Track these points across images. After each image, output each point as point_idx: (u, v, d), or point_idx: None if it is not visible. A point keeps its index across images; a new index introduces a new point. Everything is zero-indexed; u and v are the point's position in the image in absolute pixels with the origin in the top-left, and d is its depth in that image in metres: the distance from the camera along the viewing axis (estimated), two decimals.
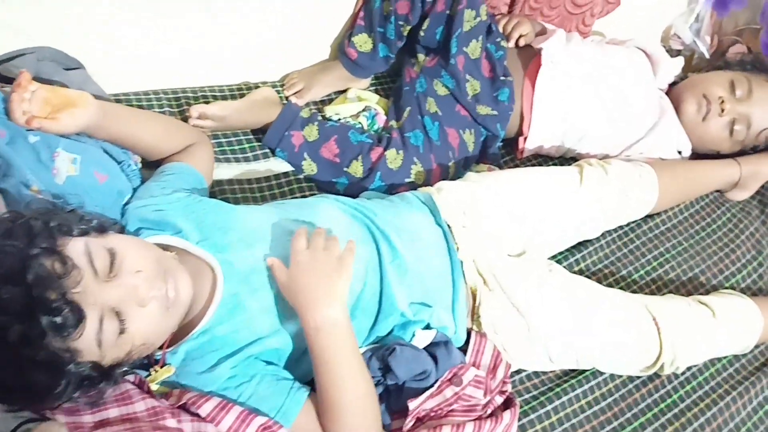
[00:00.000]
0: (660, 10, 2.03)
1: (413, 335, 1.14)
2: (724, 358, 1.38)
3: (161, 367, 1.01)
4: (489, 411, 1.14)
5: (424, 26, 1.47)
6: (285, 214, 1.16)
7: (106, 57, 1.37)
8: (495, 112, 1.53)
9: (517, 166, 1.63)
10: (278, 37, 1.54)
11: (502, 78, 1.54)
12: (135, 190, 1.19)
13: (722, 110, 1.60)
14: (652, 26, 2.06)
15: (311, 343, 1.00)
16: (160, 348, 1.01)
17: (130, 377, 0.98)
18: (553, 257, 1.44)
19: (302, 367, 1.08)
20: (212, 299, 1.02)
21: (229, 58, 1.52)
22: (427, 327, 1.16)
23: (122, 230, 1.10)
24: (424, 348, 1.14)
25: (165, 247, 1.05)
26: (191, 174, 1.23)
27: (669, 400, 1.30)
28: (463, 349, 1.19)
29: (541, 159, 1.67)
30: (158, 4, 1.36)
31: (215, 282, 1.04)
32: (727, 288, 1.50)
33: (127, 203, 1.15)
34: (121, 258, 0.91)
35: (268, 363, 1.05)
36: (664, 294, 1.45)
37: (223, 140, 1.44)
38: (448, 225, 1.25)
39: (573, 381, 1.28)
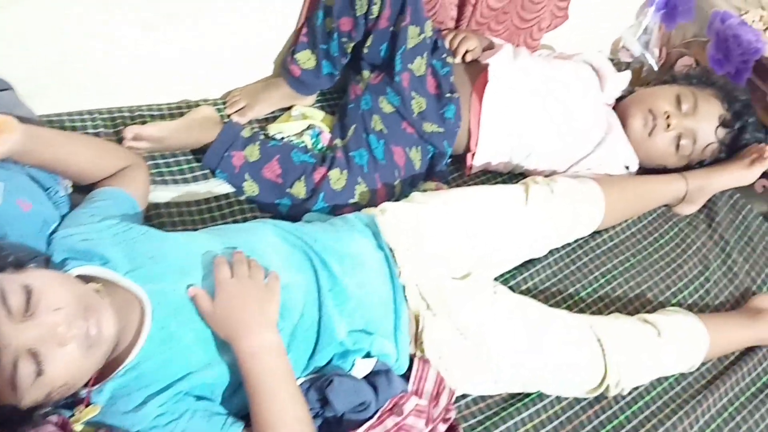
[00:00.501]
0: (609, 23, 2.04)
1: (353, 364, 1.11)
2: (671, 376, 1.38)
3: (86, 406, 0.96)
4: None
5: (368, 43, 1.45)
6: (221, 240, 1.12)
7: (35, 76, 1.32)
8: (441, 130, 1.51)
9: (465, 182, 1.62)
10: (220, 53, 1.51)
11: (448, 95, 1.52)
12: (63, 217, 1.14)
13: (668, 125, 1.60)
14: (601, 39, 2.07)
15: (246, 370, 0.98)
16: (86, 385, 0.96)
17: (53, 417, 0.94)
18: (500, 277, 1.43)
19: (235, 401, 1.04)
20: (140, 334, 0.98)
21: (168, 76, 1.48)
22: (368, 355, 1.13)
23: (48, 261, 1.06)
24: (365, 377, 1.11)
25: (92, 279, 1.01)
26: (123, 199, 1.18)
27: (616, 422, 1.29)
28: (406, 376, 1.17)
29: (489, 175, 1.66)
30: (91, 18, 1.32)
31: (144, 315, 1.00)
32: (674, 304, 1.50)
33: (54, 232, 1.10)
34: (38, 295, 0.87)
35: (200, 398, 1.01)
36: (610, 312, 1.44)
37: (161, 161, 1.40)
38: (390, 248, 1.23)
39: (519, 404, 1.26)
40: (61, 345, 0.86)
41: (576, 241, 1.53)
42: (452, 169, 1.63)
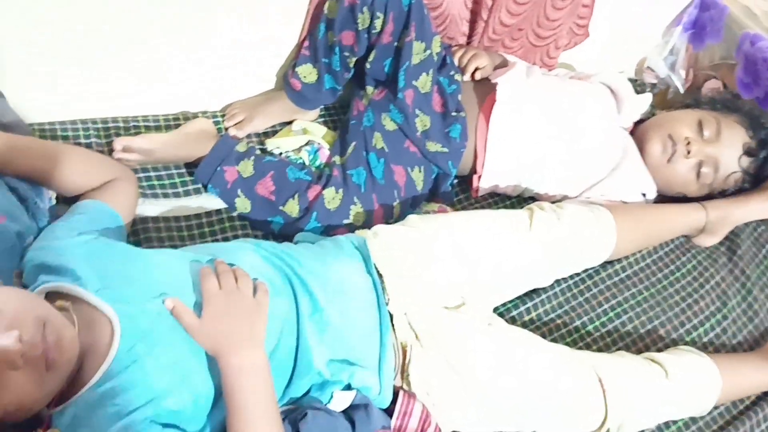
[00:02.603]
0: (633, 42, 1.96)
1: (331, 396, 1.05)
2: (680, 420, 1.29)
3: (46, 429, 0.92)
4: None
5: (371, 58, 1.40)
6: (199, 260, 1.08)
7: (28, 84, 1.29)
8: (446, 149, 1.45)
9: (471, 204, 1.56)
10: (221, 65, 1.47)
11: (454, 113, 1.46)
12: (41, 230, 1.11)
13: (688, 152, 1.51)
14: (624, 59, 1.99)
15: (230, 387, 0.94)
16: (48, 406, 0.92)
17: None
18: (502, 306, 1.36)
19: (206, 430, 0.99)
20: (107, 355, 0.94)
21: (166, 87, 1.44)
22: (348, 387, 1.07)
23: (20, 275, 1.02)
24: (343, 411, 1.05)
25: (62, 296, 0.97)
26: (105, 213, 1.14)
27: None
28: (390, 411, 1.10)
29: (497, 198, 1.59)
30: (91, 29, 1.29)
31: (113, 335, 0.95)
32: (687, 342, 1.41)
33: (30, 244, 1.07)
34: None
35: (167, 426, 0.96)
36: (618, 348, 1.36)
37: (152, 173, 1.36)
38: (380, 274, 1.17)
39: None
40: (13, 369, 0.82)
41: (585, 271, 1.45)
42: (459, 190, 1.56)
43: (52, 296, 0.97)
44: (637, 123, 1.65)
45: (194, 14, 1.36)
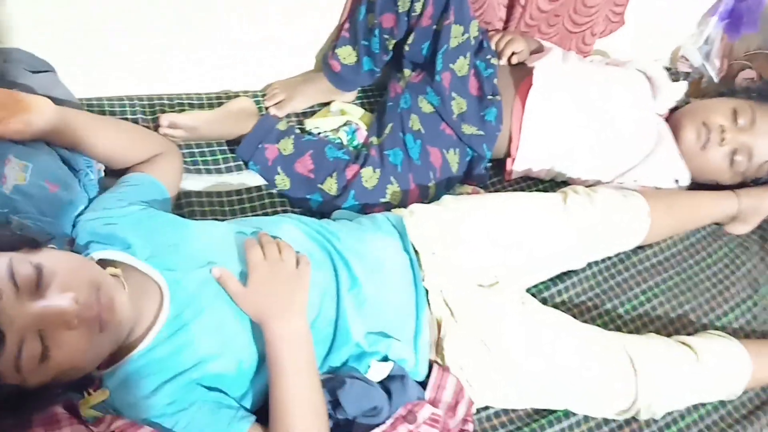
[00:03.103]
0: (668, 31, 1.96)
1: (369, 367, 1.08)
2: (709, 403, 1.31)
3: (96, 390, 0.96)
4: None
5: (410, 41, 1.42)
6: (243, 232, 1.11)
7: (77, 60, 1.33)
8: (481, 132, 1.47)
9: (504, 188, 1.57)
10: (262, 46, 1.50)
11: (490, 97, 1.48)
12: (91, 200, 1.15)
13: (722, 139, 1.52)
14: (659, 47, 1.99)
15: (274, 353, 0.98)
16: (98, 368, 0.96)
17: (61, 400, 0.94)
18: (534, 287, 1.38)
19: (248, 396, 1.03)
20: (157, 320, 0.98)
21: (210, 66, 1.48)
22: (385, 359, 1.10)
23: (72, 243, 1.06)
24: (380, 381, 1.08)
25: (112, 263, 1.01)
26: (152, 185, 1.18)
27: None
28: (424, 384, 1.13)
29: (530, 182, 1.60)
30: (139, 7, 1.32)
31: (162, 301, 0.99)
32: (717, 328, 1.42)
33: (81, 214, 1.11)
34: (50, 276, 0.86)
35: (212, 389, 1.00)
36: (648, 332, 1.37)
37: (196, 150, 1.40)
38: (416, 251, 1.19)
39: (543, 421, 1.21)
40: (69, 328, 0.85)
41: (617, 255, 1.46)
42: (492, 173, 1.58)
43: (102, 263, 1.00)
44: (672, 110, 1.66)
45: None
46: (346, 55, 1.48)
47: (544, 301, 1.36)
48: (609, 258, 1.46)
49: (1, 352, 0.80)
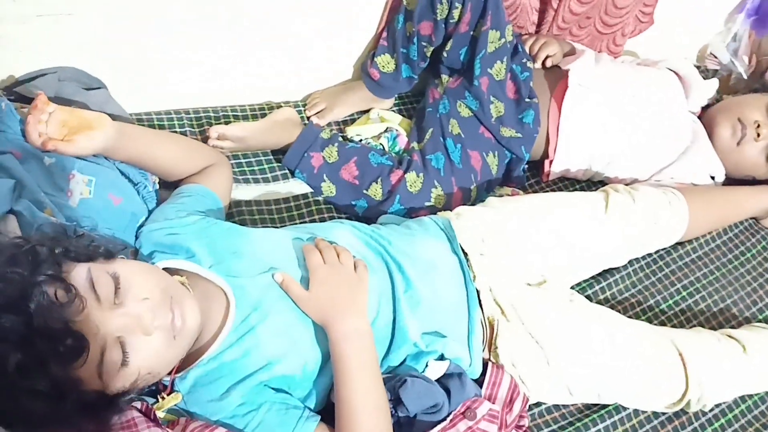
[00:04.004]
0: (696, 29, 1.98)
1: (426, 366, 1.11)
2: (756, 395, 1.32)
3: (169, 394, 1.00)
4: None
5: (448, 47, 1.45)
6: (300, 238, 1.14)
7: (128, 77, 1.38)
8: (519, 135, 1.50)
9: (542, 189, 1.60)
10: (301, 57, 1.54)
11: (527, 100, 1.51)
12: (151, 212, 1.18)
13: (758, 135, 1.54)
14: (687, 46, 2.01)
15: (338, 352, 1.01)
16: (169, 374, 0.99)
17: (137, 404, 0.97)
18: (576, 285, 1.40)
19: (313, 396, 1.06)
20: (224, 325, 1.01)
21: (252, 78, 1.52)
22: (441, 358, 1.12)
23: (136, 253, 1.10)
24: (437, 379, 1.11)
25: (177, 272, 1.04)
26: (208, 196, 1.22)
27: None
28: (479, 381, 1.15)
29: (567, 182, 1.63)
30: (183, 24, 1.37)
31: (228, 307, 1.02)
32: (760, 321, 1.43)
33: (142, 225, 1.14)
34: (126, 285, 0.90)
35: (278, 391, 1.03)
36: (692, 326, 1.39)
37: (243, 161, 1.44)
38: (465, 252, 1.22)
39: (595, 416, 1.23)
40: (146, 334, 0.88)
41: (657, 251, 1.48)
42: (529, 175, 1.61)
43: (168, 272, 1.03)
44: (705, 108, 1.68)
45: (275, 7, 1.43)
46: (385, 63, 1.51)
47: (588, 299, 1.38)
48: (649, 255, 1.48)
49: (85, 359, 0.83)
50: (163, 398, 0.99)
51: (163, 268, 1.04)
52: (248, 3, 1.40)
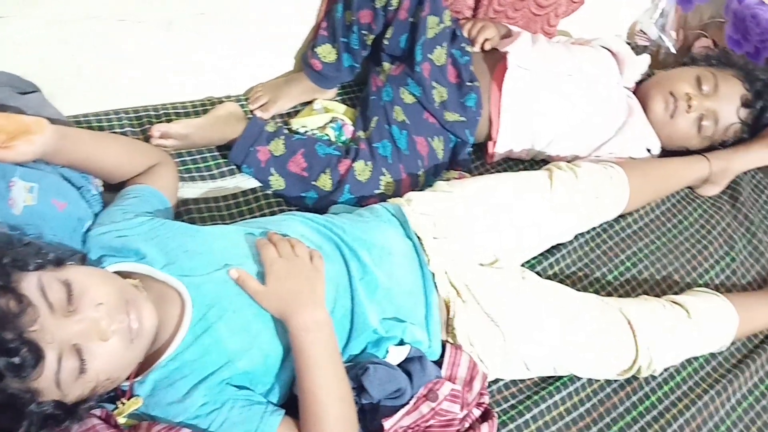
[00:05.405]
0: (624, 7, 2.04)
1: (387, 352, 1.12)
2: (701, 357, 1.38)
3: (128, 399, 0.98)
4: (467, 425, 1.13)
5: (388, 34, 1.46)
6: (252, 233, 1.14)
7: (60, 78, 1.34)
8: (463, 119, 1.52)
9: (487, 171, 1.63)
10: (242, 50, 1.52)
11: (468, 83, 1.53)
12: (96, 215, 1.16)
13: (689, 107, 1.60)
14: (617, 23, 2.06)
15: (298, 346, 1.01)
16: (128, 378, 0.98)
17: (97, 411, 0.96)
18: (526, 262, 1.43)
19: (275, 391, 1.06)
20: (180, 325, 1.00)
21: (191, 74, 1.50)
22: (401, 342, 1.14)
23: (84, 259, 1.07)
24: (399, 364, 1.12)
25: (129, 275, 1.03)
26: (154, 196, 1.20)
27: (647, 402, 1.30)
28: (439, 363, 1.17)
29: (511, 162, 1.66)
30: (117, 22, 1.33)
31: (183, 307, 1.01)
32: (700, 285, 1.49)
33: (88, 230, 1.12)
34: (79, 291, 0.88)
35: (240, 388, 1.03)
36: (638, 295, 1.44)
37: (188, 158, 1.42)
38: (418, 237, 1.24)
39: (551, 388, 1.27)
40: (103, 339, 0.88)
41: (601, 225, 1.53)
42: (474, 157, 1.63)
43: (120, 275, 1.02)
44: (638, 83, 1.73)
45: (213, 1, 1.41)
46: (326, 53, 1.51)
47: (538, 275, 1.41)
48: (593, 229, 1.52)
49: (41, 370, 0.82)
50: (123, 404, 0.97)
51: (114, 272, 1.03)
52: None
